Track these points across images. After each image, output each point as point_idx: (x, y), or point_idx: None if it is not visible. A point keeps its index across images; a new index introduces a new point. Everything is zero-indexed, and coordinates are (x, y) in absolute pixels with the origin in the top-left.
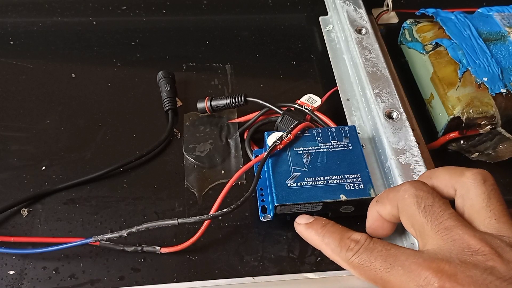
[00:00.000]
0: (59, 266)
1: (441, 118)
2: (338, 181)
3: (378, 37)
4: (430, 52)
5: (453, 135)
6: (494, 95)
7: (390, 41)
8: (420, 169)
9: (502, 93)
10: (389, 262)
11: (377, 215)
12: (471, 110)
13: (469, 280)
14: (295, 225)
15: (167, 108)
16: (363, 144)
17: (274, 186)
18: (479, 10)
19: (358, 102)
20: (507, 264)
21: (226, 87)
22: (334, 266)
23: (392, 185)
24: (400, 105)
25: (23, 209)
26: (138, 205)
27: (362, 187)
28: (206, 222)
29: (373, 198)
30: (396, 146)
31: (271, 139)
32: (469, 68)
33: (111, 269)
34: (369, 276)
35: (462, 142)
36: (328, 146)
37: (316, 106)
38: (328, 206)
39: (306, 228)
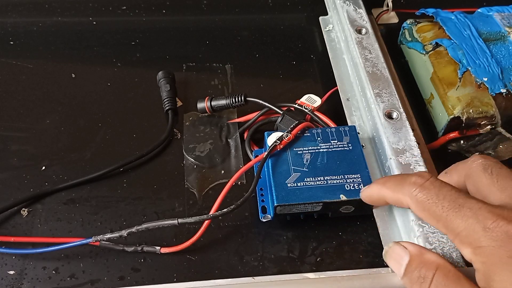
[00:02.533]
0: (59, 266)
1: (441, 118)
2: (338, 181)
3: (378, 37)
4: (430, 52)
5: (453, 135)
6: (494, 95)
7: (390, 41)
8: (420, 169)
9: (502, 93)
10: (458, 202)
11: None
12: (471, 110)
13: None
14: (361, 195)
15: (167, 108)
16: (363, 144)
17: (274, 186)
18: (479, 10)
19: (358, 102)
20: None
21: (226, 87)
22: (334, 266)
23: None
24: (400, 105)
25: (23, 209)
26: (138, 205)
27: (362, 187)
28: (206, 222)
29: None
30: (396, 146)
31: (271, 139)
32: (469, 68)
33: (111, 269)
34: (432, 213)
35: (462, 142)
36: (328, 146)
37: (316, 106)
38: (328, 206)
39: (368, 186)
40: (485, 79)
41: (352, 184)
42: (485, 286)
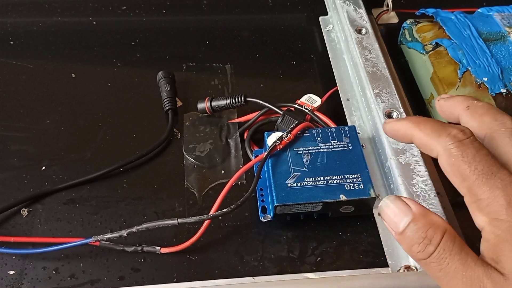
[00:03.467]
0: (59, 266)
1: (441, 118)
2: (338, 181)
3: (378, 37)
4: (430, 52)
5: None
6: (494, 95)
7: (390, 41)
8: (420, 169)
9: (502, 93)
10: (491, 170)
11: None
12: None
13: None
14: (384, 126)
15: (167, 108)
16: (363, 144)
17: (274, 186)
18: (479, 10)
19: (358, 102)
20: None
21: (226, 87)
22: (334, 266)
23: (392, 185)
24: (400, 105)
25: (23, 209)
26: (138, 205)
27: (362, 187)
28: (206, 222)
29: (373, 198)
30: (396, 146)
31: (271, 139)
32: (469, 68)
33: (111, 269)
34: (462, 172)
35: None
36: (328, 146)
37: (316, 106)
38: (328, 206)
39: (397, 120)
40: (485, 79)
41: (352, 184)
42: (492, 257)
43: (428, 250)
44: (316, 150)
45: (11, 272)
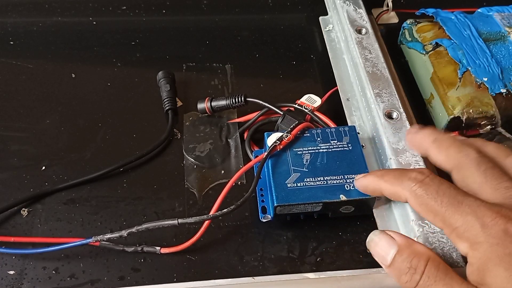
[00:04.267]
0: (59, 266)
1: (441, 118)
2: (338, 181)
3: (378, 37)
4: (430, 52)
5: (453, 135)
6: (494, 95)
7: (390, 41)
8: None
9: (502, 93)
10: (457, 199)
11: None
12: (471, 110)
13: None
14: (355, 182)
15: (167, 108)
16: (363, 144)
17: (274, 186)
18: (479, 10)
19: (358, 102)
20: None
21: (226, 87)
22: (334, 266)
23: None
24: (400, 105)
25: (23, 209)
26: (138, 205)
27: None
28: (206, 222)
29: (373, 198)
30: (396, 146)
31: (271, 139)
32: (469, 68)
33: (111, 269)
34: (430, 208)
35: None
36: (328, 146)
37: (316, 106)
38: (328, 206)
39: (364, 176)
40: (485, 79)
41: (352, 184)
42: (478, 280)
43: (414, 278)
44: (316, 150)
45: (11, 272)
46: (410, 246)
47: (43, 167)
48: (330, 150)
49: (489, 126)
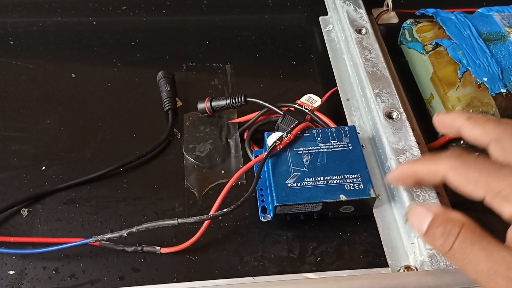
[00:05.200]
0: (59, 266)
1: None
2: (338, 181)
3: (378, 37)
4: (430, 52)
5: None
6: (494, 95)
7: (390, 41)
8: None
9: (502, 93)
10: (496, 166)
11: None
12: (471, 110)
13: None
14: (387, 178)
15: (167, 108)
16: (363, 144)
17: (274, 186)
18: (479, 10)
19: (358, 102)
20: None
21: (226, 87)
22: (334, 266)
23: (392, 185)
24: (400, 105)
25: (23, 209)
26: (138, 205)
27: (362, 187)
28: (206, 222)
29: (373, 198)
30: (396, 146)
31: (271, 139)
32: (469, 68)
33: (111, 269)
34: (471, 176)
35: (462, 142)
36: (328, 146)
37: (316, 106)
38: (328, 206)
39: (395, 170)
40: (485, 79)
41: (352, 184)
42: None
43: (448, 241)
44: (316, 150)
45: (11, 272)
46: (445, 214)
47: (43, 167)
48: (330, 150)
49: None
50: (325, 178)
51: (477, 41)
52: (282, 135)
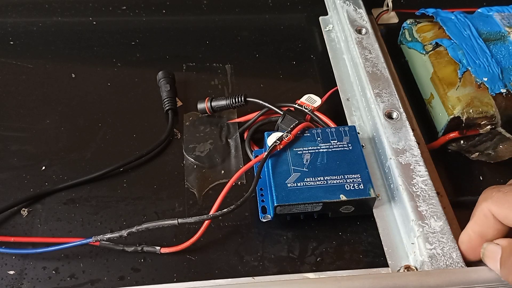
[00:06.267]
0: (59, 266)
1: (441, 118)
2: (338, 181)
3: (378, 37)
4: (430, 52)
5: (453, 135)
6: (494, 95)
7: (390, 41)
8: (420, 169)
9: (502, 93)
10: None
11: (490, 216)
12: (471, 110)
13: None
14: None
15: (167, 108)
16: (363, 144)
17: (274, 186)
18: (479, 10)
19: (358, 102)
20: None
21: (226, 87)
22: (334, 266)
23: (392, 185)
24: (400, 105)
25: (23, 209)
26: (138, 205)
27: (362, 187)
28: (206, 222)
29: (373, 198)
30: (396, 146)
31: (271, 139)
32: (469, 68)
33: (111, 269)
34: None
35: (462, 142)
36: (328, 146)
37: (316, 106)
38: (328, 206)
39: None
40: (485, 79)
41: (352, 184)
42: None
43: None
44: (316, 150)
45: (11, 272)
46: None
47: (43, 167)
48: (330, 150)
49: (489, 126)
50: (325, 178)
51: (477, 41)
52: (282, 135)
